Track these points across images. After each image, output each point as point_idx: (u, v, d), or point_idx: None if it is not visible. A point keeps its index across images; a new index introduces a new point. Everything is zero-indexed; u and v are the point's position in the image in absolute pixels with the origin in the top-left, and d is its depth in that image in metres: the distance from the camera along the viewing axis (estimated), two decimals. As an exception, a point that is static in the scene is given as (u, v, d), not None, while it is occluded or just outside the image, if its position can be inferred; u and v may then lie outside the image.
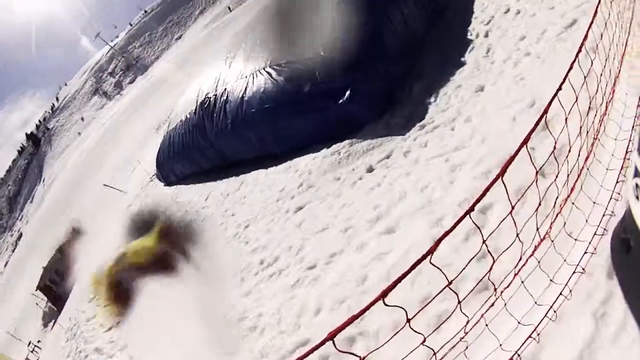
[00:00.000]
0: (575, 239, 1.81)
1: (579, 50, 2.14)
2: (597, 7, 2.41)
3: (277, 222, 4.33)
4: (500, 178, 1.44)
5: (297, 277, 3.37)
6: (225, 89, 6.35)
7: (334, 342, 1.15)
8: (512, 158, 1.39)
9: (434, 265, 1.23)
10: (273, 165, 5.44)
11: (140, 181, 12.41)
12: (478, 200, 1.49)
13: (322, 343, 1.30)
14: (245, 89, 5.81)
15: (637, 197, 0.67)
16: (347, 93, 4.70)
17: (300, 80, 5.10)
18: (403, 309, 1.25)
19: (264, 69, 5.61)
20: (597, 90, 2.12)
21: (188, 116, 7.47)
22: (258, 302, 3.52)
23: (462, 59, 4.65)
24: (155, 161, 9.73)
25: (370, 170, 3.95)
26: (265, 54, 5.86)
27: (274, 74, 5.43)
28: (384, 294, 1.28)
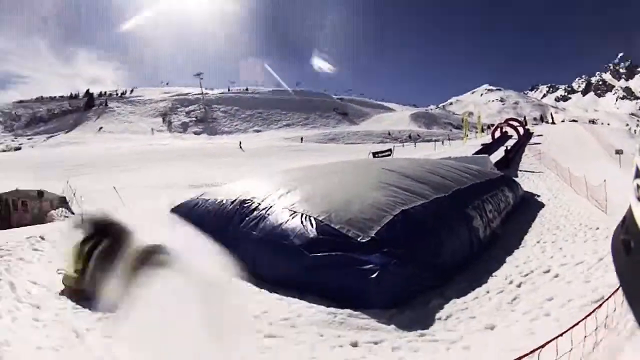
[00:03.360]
0: None
1: (588, 315, 2.15)
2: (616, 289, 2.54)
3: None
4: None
5: None
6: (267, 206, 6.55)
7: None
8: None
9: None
10: (265, 288, 5.14)
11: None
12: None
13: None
14: (288, 221, 5.88)
15: (638, 199, 0.68)
16: (377, 273, 4.68)
17: (341, 242, 5.22)
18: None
19: (309, 216, 5.79)
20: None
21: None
22: None
23: (489, 296, 4.72)
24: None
25: (354, 344, 3.80)
26: (308, 206, 6.16)
27: (315, 222, 5.65)
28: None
